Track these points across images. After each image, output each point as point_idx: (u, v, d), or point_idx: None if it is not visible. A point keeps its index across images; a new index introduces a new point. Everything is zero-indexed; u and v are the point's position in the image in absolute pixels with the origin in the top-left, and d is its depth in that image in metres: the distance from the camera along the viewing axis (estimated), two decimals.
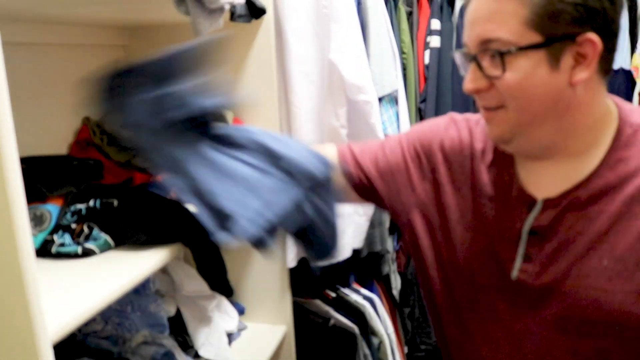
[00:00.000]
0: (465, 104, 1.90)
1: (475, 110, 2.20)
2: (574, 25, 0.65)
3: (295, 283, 1.49)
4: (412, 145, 0.90)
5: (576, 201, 0.73)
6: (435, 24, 1.90)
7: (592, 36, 0.65)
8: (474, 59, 0.71)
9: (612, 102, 0.75)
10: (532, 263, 0.75)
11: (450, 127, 0.89)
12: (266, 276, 1.43)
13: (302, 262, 1.46)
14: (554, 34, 0.66)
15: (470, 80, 0.72)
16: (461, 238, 0.83)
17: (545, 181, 0.76)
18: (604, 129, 0.73)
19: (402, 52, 1.82)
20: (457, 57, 0.77)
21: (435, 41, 1.90)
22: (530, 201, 0.76)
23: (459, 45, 1.91)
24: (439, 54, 1.90)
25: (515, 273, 0.77)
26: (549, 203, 0.75)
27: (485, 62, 0.70)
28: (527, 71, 0.68)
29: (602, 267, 0.70)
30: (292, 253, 1.42)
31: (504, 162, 0.81)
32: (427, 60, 1.91)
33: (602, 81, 0.71)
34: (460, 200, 0.84)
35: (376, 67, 1.53)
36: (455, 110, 2.01)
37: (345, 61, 1.32)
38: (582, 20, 0.65)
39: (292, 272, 1.45)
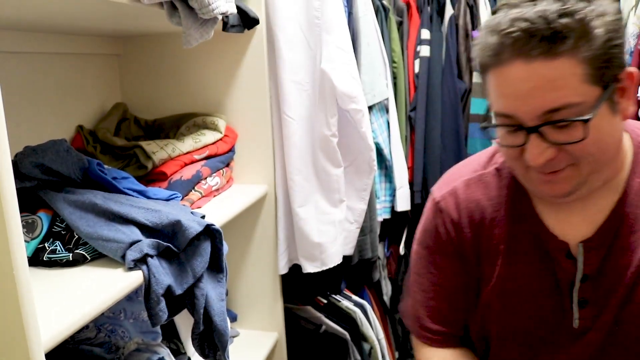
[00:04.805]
0: (454, 111, 1.92)
1: (464, 118, 2.19)
2: (619, 65, 0.65)
3: (287, 290, 1.50)
4: (439, 260, 0.87)
5: (616, 235, 0.72)
6: (425, 34, 1.93)
7: (631, 69, 0.66)
8: (533, 131, 0.65)
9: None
10: (590, 308, 0.75)
11: (437, 219, 0.85)
12: (258, 283, 1.43)
13: (293, 269, 1.47)
14: (608, 80, 0.64)
15: (538, 154, 0.66)
16: (504, 305, 0.81)
17: (575, 221, 0.75)
18: (622, 154, 0.73)
19: (392, 61, 1.84)
20: (498, 131, 0.71)
21: (425, 50, 1.92)
22: (565, 247, 0.75)
23: (448, 54, 1.94)
24: (429, 63, 1.92)
25: (576, 322, 0.76)
26: (589, 244, 0.73)
27: (551, 131, 0.65)
28: (599, 126, 0.65)
29: None
30: (283, 260, 1.43)
31: (522, 216, 0.78)
32: (417, 69, 1.93)
33: None
34: (496, 268, 0.81)
35: (367, 76, 1.55)
36: (444, 117, 2.02)
37: (336, 70, 1.34)
38: (622, 57, 0.65)
39: (284, 278, 1.46)
